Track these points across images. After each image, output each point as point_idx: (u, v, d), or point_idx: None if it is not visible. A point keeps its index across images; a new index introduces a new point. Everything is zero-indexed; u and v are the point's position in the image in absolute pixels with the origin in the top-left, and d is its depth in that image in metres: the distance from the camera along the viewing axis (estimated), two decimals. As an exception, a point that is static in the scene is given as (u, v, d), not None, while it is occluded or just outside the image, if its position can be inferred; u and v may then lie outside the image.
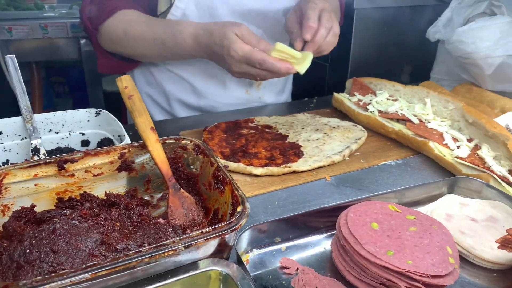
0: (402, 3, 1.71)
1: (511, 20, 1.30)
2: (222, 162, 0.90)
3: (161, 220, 0.59)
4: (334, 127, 1.08)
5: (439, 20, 1.52)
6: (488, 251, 0.68)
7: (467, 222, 0.75)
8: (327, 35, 0.97)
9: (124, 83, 0.71)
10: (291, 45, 0.99)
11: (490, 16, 1.41)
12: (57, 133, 0.83)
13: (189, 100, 1.31)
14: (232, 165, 0.89)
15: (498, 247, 0.64)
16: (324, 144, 0.99)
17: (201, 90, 1.29)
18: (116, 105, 1.39)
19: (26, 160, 0.61)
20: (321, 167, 0.92)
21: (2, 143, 0.78)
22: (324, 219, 0.73)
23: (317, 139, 1.01)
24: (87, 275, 0.46)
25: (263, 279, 0.63)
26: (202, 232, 0.52)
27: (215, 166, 0.66)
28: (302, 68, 0.92)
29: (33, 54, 1.88)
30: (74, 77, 2.81)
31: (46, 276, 0.44)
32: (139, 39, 1.08)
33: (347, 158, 0.97)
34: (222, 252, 0.58)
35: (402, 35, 1.78)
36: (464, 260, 0.69)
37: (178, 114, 1.34)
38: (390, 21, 1.73)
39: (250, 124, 1.10)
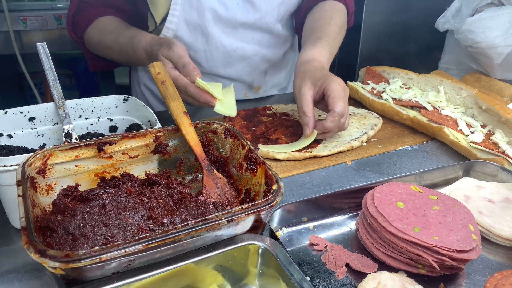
0: (411, -7, 1.74)
1: (520, 10, 1.33)
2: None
3: (202, 197, 0.62)
4: (350, 114, 1.11)
5: (448, 11, 1.54)
6: (507, 229, 0.71)
7: (484, 203, 0.78)
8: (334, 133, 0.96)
9: (157, 69, 0.74)
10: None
11: (498, 7, 1.43)
12: (86, 118, 0.86)
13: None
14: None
15: (518, 225, 0.67)
16: None
17: None
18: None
19: (68, 142, 0.63)
20: (340, 152, 0.95)
21: (36, 128, 0.81)
22: (348, 200, 0.76)
23: None
24: (139, 246, 0.48)
25: (294, 255, 0.66)
26: (242, 207, 0.55)
27: (246, 148, 0.69)
28: (220, 108, 0.90)
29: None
30: (80, 69, 2.82)
31: (103, 247, 0.47)
32: (109, 48, 1.15)
33: (365, 143, 1.00)
34: (257, 228, 0.61)
35: (411, 25, 1.80)
36: (484, 239, 0.72)
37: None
38: (398, 11, 1.76)
39: (268, 112, 1.13)
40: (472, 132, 0.99)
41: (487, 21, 1.34)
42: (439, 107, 1.08)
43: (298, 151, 0.92)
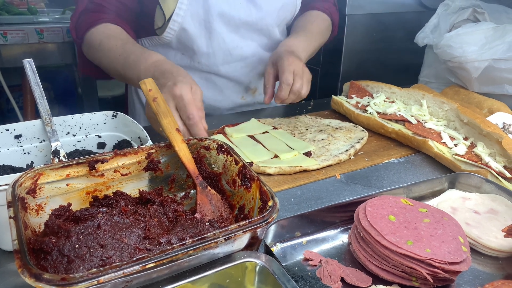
0: (390, 9, 1.79)
1: (495, 26, 1.38)
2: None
3: (198, 215, 0.61)
4: (337, 128, 1.13)
5: (427, 26, 1.59)
6: (493, 240, 0.73)
7: (470, 214, 0.80)
8: (295, 99, 1.16)
9: (148, 86, 0.73)
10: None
11: (474, 22, 1.49)
12: (74, 135, 0.84)
13: None
14: None
15: (505, 236, 0.69)
16: (330, 144, 1.04)
17: None
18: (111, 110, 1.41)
19: (60, 160, 0.62)
20: (329, 165, 0.96)
21: (22, 146, 0.79)
22: (339, 214, 0.77)
23: (322, 140, 1.06)
24: (137, 267, 0.48)
25: (289, 270, 0.66)
26: (239, 225, 0.55)
27: (240, 164, 0.69)
28: None
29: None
30: (60, 83, 2.78)
31: (101, 269, 0.46)
32: (108, 51, 1.09)
33: (352, 157, 1.02)
34: (253, 245, 0.61)
35: (391, 40, 1.85)
36: (472, 250, 0.74)
37: None
38: (379, 26, 1.80)
39: (256, 126, 1.13)
40: (455, 145, 1.02)
41: (464, 37, 1.38)
42: (422, 120, 1.11)
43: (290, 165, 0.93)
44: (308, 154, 0.98)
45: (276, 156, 0.97)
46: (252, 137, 1.06)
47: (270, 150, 0.99)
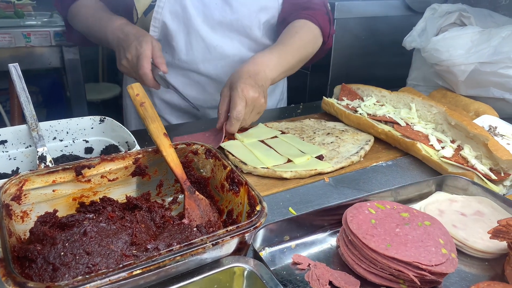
0: (378, 13, 1.80)
1: (481, 30, 1.40)
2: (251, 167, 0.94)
3: (185, 221, 0.61)
4: (343, 131, 1.16)
5: (414, 30, 1.61)
6: (480, 242, 0.74)
7: (457, 216, 0.81)
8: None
9: (135, 90, 0.73)
10: None
11: (461, 26, 1.51)
12: (61, 140, 0.83)
13: (172, 100, 1.36)
14: (261, 170, 0.92)
15: (490, 237, 0.70)
16: (339, 146, 1.07)
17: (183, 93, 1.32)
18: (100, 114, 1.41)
19: (46, 166, 0.61)
20: (342, 167, 0.98)
21: (7, 151, 0.78)
22: (328, 217, 0.77)
23: (331, 142, 1.09)
24: (124, 274, 0.47)
25: (278, 275, 0.66)
26: (227, 230, 0.55)
27: (228, 168, 0.69)
28: None
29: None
30: (48, 86, 2.75)
31: (87, 276, 0.45)
32: (85, 20, 1.25)
33: (362, 158, 1.04)
34: (241, 250, 0.61)
35: (379, 43, 1.87)
36: (458, 251, 0.74)
37: (162, 113, 1.39)
38: (367, 30, 1.82)
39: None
40: (442, 147, 1.03)
41: (451, 40, 1.40)
42: (411, 123, 1.12)
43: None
44: (320, 157, 0.99)
45: (289, 160, 0.98)
46: (262, 142, 1.06)
47: (282, 155, 0.99)
